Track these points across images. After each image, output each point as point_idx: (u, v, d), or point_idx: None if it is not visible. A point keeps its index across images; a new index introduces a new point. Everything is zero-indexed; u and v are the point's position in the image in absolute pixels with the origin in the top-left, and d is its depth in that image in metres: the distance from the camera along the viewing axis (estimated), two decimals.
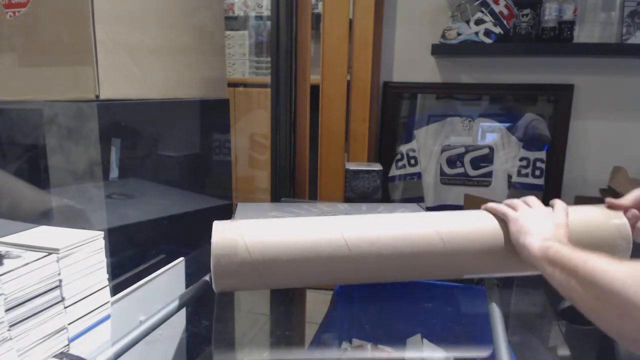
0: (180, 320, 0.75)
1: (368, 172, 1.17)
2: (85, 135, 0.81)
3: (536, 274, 0.66)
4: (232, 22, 2.13)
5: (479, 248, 0.65)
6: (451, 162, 1.58)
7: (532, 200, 0.67)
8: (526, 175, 1.50)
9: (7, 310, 0.47)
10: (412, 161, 1.60)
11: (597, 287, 0.45)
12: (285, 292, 0.80)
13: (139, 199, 0.95)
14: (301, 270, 0.63)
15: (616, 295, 0.43)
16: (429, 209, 1.37)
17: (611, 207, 0.68)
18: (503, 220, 0.66)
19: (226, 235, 0.62)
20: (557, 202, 0.67)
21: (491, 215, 0.68)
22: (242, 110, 1.77)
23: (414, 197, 1.60)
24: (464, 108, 1.58)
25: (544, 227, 0.61)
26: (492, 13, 1.39)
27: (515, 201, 0.67)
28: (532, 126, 1.50)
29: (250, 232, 0.63)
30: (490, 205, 0.68)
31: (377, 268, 0.64)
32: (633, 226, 0.65)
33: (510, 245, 0.64)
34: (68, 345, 0.55)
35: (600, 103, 1.46)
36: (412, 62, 1.57)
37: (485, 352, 0.69)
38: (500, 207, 0.67)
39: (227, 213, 1.12)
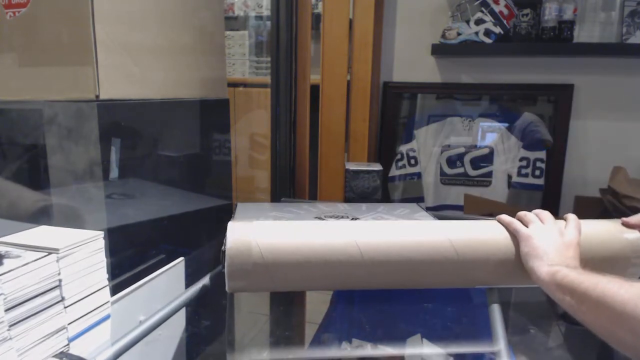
0: (180, 321, 0.75)
1: (368, 172, 1.17)
2: (85, 135, 0.81)
3: None
4: (232, 22, 2.13)
5: (491, 259, 0.65)
6: (451, 162, 1.58)
7: (545, 215, 0.67)
8: (526, 175, 1.50)
9: (7, 310, 0.47)
10: (412, 161, 1.60)
11: (610, 311, 0.46)
12: (285, 292, 0.80)
13: (139, 199, 0.95)
14: (312, 275, 0.63)
15: (630, 318, 0.44)
16: (429, 209, 1.37)
17: (625, 225, 0.68)
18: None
19: (240, 236, 0.62)
20: (570, 218, 0.67)
21: (503, 228, 0.68)
22: (242, 110, 1.77)
23: (414, 197, 1.60)
24: (464, 108, 1.58)
25: (553, 249, 0.61)
26: (492, 13, 1.39)
27: (529, 216, 0.67)
28: (531, 130, 1.50)
29: (264, 235, 0.63)
30: (504, 218, 0.68)
31: (389, 275, 0.64)
32: None
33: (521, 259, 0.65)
34: (68, 345, 0.55)
35: (600, 103, 1.45)
36: (412, 62, 1.57)
37: (485, 352, 0.69)
38: (513, 223, 0.67)
39: (227, 213, 1.12)
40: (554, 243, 0.62)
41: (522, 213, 0.69)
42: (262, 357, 0.76)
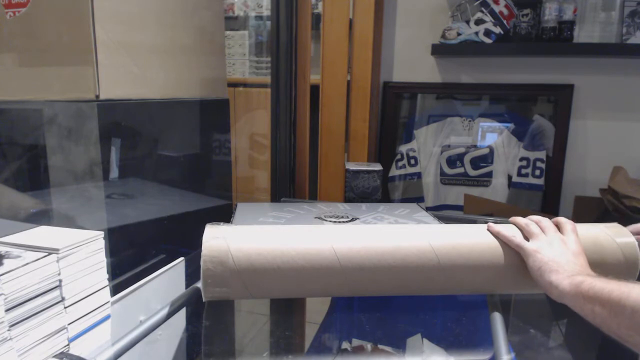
0: (180, 320, 0.75)
1: (368, 172, 1.18)
2: (85, 135, 0.82)
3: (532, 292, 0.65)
4: (232, 22, 2.13)
5: (475, 267, 0.63)
6: (451, 162, 1.58)
7: (545, 224, 0.65)
8: (526, 175, 1.50)
9: (7, 310, 0.47)
10: (412, 161, 1.60)
11: None
12: None
13: (139, 199, 0.95)
14: (287, 282, 0.61)
15: None
16: (429, 209, 1.37)
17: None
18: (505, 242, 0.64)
19: (214, 242, 0.60)
20: (564, 224, 0.65)
21: (490, 234, 0.65)
22: (242, 110, 1.77)
23: (414, 197, 1.60)
24: (464, 108, 1.58)
25: (565, 260, 0.58)
26: (492, 13, 1.39)
27: (532, 227, 0.64)
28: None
29: (238, 240, 0.61)
30: (504, 232, 0.65)
31: (368, 282, 0.62)
32: None
33: (507, 266, 0.63)
34: (68, 345, 0.55)
35: (600, 103, 1.46)
36: (412, 62, 1.57)
37: (485, 353, 0.69)
38: (515, 239, 0.63)
39: (227, 213, 1.12)
40: (564, 254, 0.59)
41: (521, 222, 0.66)
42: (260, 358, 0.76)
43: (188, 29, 1.07)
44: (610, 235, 0.66)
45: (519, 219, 0.67)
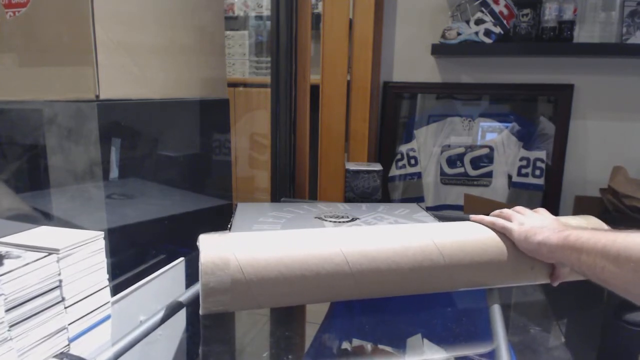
0: (180, 321, 0.75)
1: (368, 172, 1.18)
2: (85, 135, 0.82)
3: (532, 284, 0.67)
4: (232, 22, 2.13)
5: (479, 261, 0.64)
6: (451, 162, 1.58)
7: (520, 208, 0.69)
8: (526, 175, 1.50)
9: (7, 310, 0.47)
10: (412, 161, 1.60)
11: (634, 261, 0.46)
12: None
13: (139, 199, 0.95)
14: (299, 289, 0.59)
15: None
16: (429, 209, 1.37)
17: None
18: (499, 232, 0.67)
19: (216, 251, 0.58)
20: (538, 209, 0.69)
21: (485, 227, 0.68)
22: (242, 110, 1.77)
23: (414, 197, 1.60)
24: (464, 108, 1.58)
25: (549, 223, 0.62)
26: (492, 13, 1.39)
27: (506, 212, 0.69)
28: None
29: (242, 247, 0.59)
30: (486, 219, 0.69)
31: (378, 283, 0.62)
32: None
33: (508, 257, 0.64)
34: (68, 345, 0.55)
35: (600, 103, 1.46)
36: (412, 62, 1.57)
37: (485, 352, 0.69)
38: (498, 221, 0.67)
39: (227, 213, 1.12)
40: (545, 220, 0.63)
41: (497, 212, 0.70)
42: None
43: (188, 29, 1.07)
44: (592, 226, 0.68)
45: (494, 212, 0.72)
